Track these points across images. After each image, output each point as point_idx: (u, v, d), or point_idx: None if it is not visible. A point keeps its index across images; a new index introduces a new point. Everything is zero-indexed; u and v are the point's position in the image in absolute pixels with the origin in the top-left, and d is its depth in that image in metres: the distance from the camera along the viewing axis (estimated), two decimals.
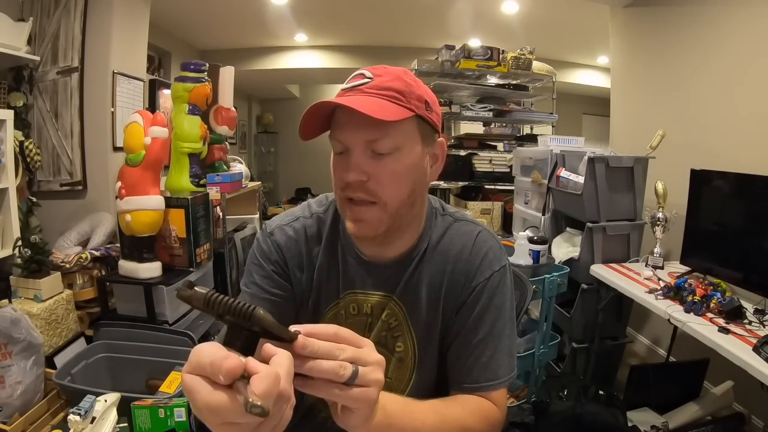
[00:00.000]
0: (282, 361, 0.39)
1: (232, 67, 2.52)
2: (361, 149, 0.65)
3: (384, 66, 0.69)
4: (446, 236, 0.77)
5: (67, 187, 2.39)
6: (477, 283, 0.74)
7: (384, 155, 0.65)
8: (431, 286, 0.75)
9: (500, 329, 0.74)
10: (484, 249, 0.76)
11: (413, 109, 0.65)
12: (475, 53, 3.30)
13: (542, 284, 1.83)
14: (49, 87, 2.33)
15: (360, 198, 0.66)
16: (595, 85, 5.65)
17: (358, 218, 0.68)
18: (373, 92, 0.64)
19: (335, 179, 0.69)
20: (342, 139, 0.66)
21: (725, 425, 1.69)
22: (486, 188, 3.60)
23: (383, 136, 0.63)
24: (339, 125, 0.66)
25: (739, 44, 2.09)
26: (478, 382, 0.72)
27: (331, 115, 0.67)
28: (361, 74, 0.67)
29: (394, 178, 0.66)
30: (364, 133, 0.64)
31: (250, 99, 7.43)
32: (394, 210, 0.67)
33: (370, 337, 0.76)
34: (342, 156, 0.67)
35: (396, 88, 0.65)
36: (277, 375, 0.36)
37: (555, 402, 1.72)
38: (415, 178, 0.68)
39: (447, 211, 0.81)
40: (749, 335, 1.36)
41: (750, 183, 1.70)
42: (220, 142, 2.53)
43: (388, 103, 0.63)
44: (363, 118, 0.61)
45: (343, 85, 0.68)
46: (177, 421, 1.40)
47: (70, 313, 1.93)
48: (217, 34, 4.73)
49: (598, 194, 2.04)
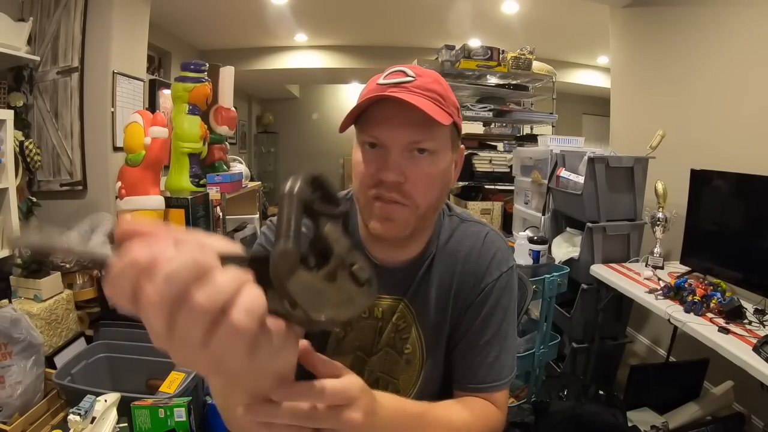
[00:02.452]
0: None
1: (232, 67, 2.53)
2: (401, 148, 0.62)
3: (416, 65, 0.67)
4: (454, 237, 0.77)
5: (67, 187, 2.39)
6: (486, 284, 0.74)
7: (422, 157, 0.63)
8: (441, 287, 0.75)
9: (506, 330, 0.74)
10: (492, 250, 0.76)
11: (451, 114, 0.64)
12: (475, 53, 3.30)
13: (542, 284, 1.83)
14: (49, 87, 2.33)
15: (392, 198, 0.64)
16: (595, 85, 5.65)
17: (387, 217, 0.65)
18: (419, 92, 0.61)
19: (364, 176, 0.65)
20: (382, 135, 0.63)
21: (725, 425, 1.69)
22: (486, 188, 3.60)
23: (426, 138, 0.62)
24: (380, 121, 0.63)
25: (739, 44, 2.09)
26: (483, 382, 0.72)
27: (363, 109, 0.64)
28: (402, 71, 0.64)
29: (429, 182, 0.64)
30: (409, 133, 0.62)
31: (250, 99, 7.43)
32: (423, 213, 0.66)
33: (380, 340, 0.77)
34: (374, 153, 0.64)
35: (438, 91, 0.63)
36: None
37: (555, 402, 1.72)
38: (444, 183, 0.67)
39: (453, 211, 0.81)
40: (749, 335, 1.36)
41: (750, 183, 1.70)
42: (220, 142, 2.53)
43: (434, 105, 0.62)
44: (410, 117, 0.59)
45: (380, 79, 0.65)
46: (177, 421, 1.40)
47: (70, 313, 1.93)
48: (217, 34, 4.73)
49: (598, 194, 2.04)
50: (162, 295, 0.26)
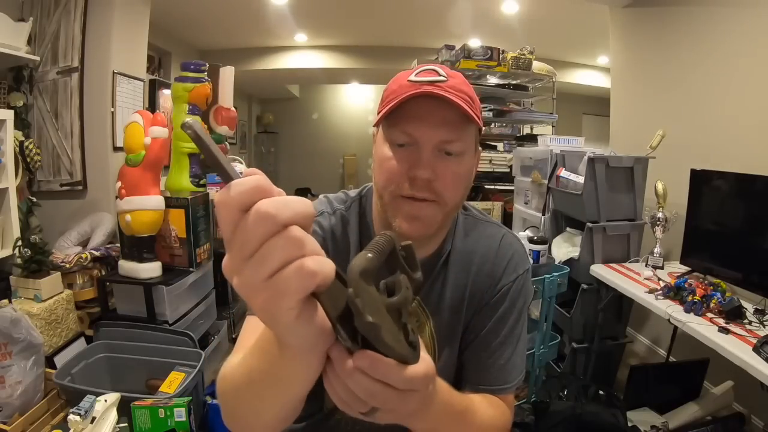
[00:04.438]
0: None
1: (232, 67, 2.52)
2: (433, 147, 0.62)
3: (443, 65, 0.67)
4: (471, 237, 0.77)
5: (67, 187, 2.39)
6: (502, 286, 0.74)
7: (451, 156, 0.63)
8: (456, 287, 0.75)
9: (519, 333, 0.74)
10: (509, 252, 0.76)
11: (479, 116, 0.65)
12: (475, 53, 3.30)
13: (542, 284, 1.83)
14: (49, 87, 2.34)
15: (423, 197, 0.63)
16: (595, 85, 5.65)
17: (415, 215, 0.64)
18: (453, 92, 0.61)
19: (392, 173, 0.64)
20: (416, 132, 0.62)
21: (725, 425, 1.69)
22: (486, 188, 3.60)
23: (458, 138, 0.63)
24: (414, 118, 0.62)
25: (739, 44, 2.09)
26: (494, 384, 0.72)
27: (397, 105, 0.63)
28: (433, 70, 0.64)
29: (457, 181, 0.65)
30: (442, 132, 0.62)
31: (250, 99, 7.43)
32: (449, 211, 0.66)
33: None
34: (405, 150, 0.63)
35: (468, 93, 0.63)
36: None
37: (555, 402, 1.72)
38: (468, 183, 0.68)
39: (469, 211, 0.80)
40: (749, 335, 1.36)
41: (750, 183, 1.70)
42: (220, 142, 2.53)
43: (467, 106, 0.62)
44: (444, 116, 0.60)
45: (412, 76, 0.64)
46: (177, 421, 1.40)
47: (70, 313, 1.94)
48: (217, 34, 4.73)
49: (598, 194, 2.04)
50: (275, 209, 0.31)
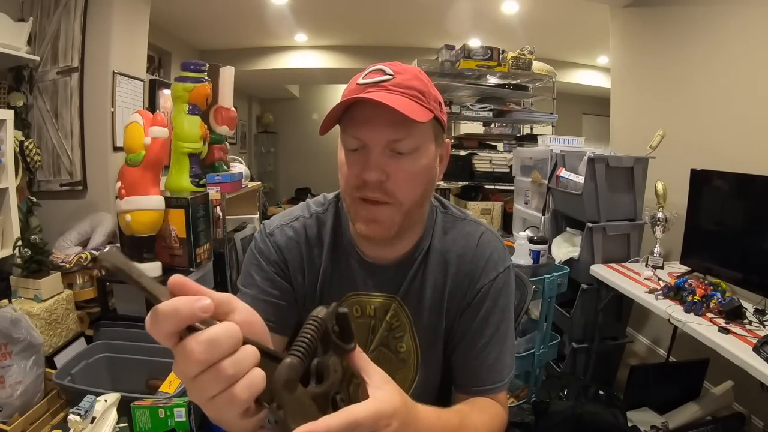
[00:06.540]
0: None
1: (232, 67, 2.52)
2: (381, 148, 0.63)
3: (398, 63, 0.67)
4: (448, 236, 0.77)
5: (67, 187, 2.39)
6: (482, 285, 0.74)
7: (403, 155, 0.63)
8: (434, 287, 0.75)
9: (504, 330, 0.74)
10: (488, 250, 0.75)
11: (432, 110, 0.64)
12: (475, 53, 3.30)
13: (542, 284, 1.83)
14: (49, 87, 2.33)
15: (376, 198, 0.64)
16: (595, 85, 5.65)
17: (372, 218, 0.65)
18: (397, 90, 0.62)
19: (348, 177, 0.66)
20: (362, 136, 0.63)
21: (725, 425, 1.69)
22: (486, 188, 3.60)
23: (406, 136, 0.62)
24: (360, 121, 0.63)
25: (739, 44, 2.09)
26: (485, 384, 0.72)
27: (344, 110, 0.64)
28: (380, 70, 0.64)
29: (411, 179, 0.65)
30: (388, 132, 0.62)
31: (250, 99, 7.42)
32: (407, 210, 0.66)
33: (374, 339, 0.76)
34: (357, 154, 0.64)
35: (417, 88, 0.63)
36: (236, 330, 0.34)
37: (555, 402, 1.72)
38: (428, 178, 0.67)
39: (448, 209, 0.80)
40: (749, 335, 1.36)
41: (750, 183, 1.70)
42: (220, 142, 2.53)
43: (413, 102, 0.62)
44: (388, 117, 0.59)
45: (360, 79, 0.65)
46: (177, 421, 1.40)
47: (70, 313, 1.93)
48: (217, 34, 4.73)
49: (598, 194, 2.04)
50: (202, 353, 0.32)
